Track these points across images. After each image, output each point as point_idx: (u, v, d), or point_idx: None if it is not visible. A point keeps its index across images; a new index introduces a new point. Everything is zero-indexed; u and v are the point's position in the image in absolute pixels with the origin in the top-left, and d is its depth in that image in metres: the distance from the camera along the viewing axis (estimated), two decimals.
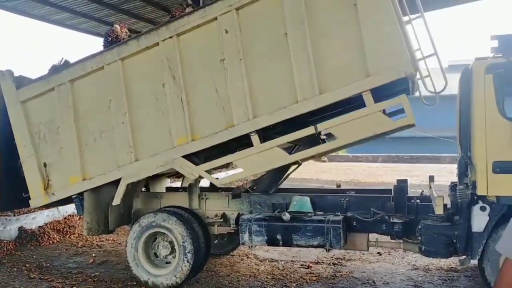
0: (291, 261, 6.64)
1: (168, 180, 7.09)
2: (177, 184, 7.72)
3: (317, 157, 6.11)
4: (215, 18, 4.87)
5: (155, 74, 5.15)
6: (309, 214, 5.05)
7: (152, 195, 5.91)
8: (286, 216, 4.93)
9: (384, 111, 4.59)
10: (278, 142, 4.80)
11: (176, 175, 7.40)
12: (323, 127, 4.69)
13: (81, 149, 5.47)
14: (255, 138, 4.85)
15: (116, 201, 5.32)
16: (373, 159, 22.58)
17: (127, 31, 6.43)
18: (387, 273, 5.97)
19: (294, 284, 5.63)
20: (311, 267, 6.32)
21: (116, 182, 5.37)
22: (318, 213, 5.11)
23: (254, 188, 5.75)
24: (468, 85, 4.55)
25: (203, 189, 5.82)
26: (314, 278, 5.84)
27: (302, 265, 6.45)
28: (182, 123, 5.05)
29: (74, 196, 5.62)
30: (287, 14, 4.63)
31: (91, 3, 11.53)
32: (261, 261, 6.65)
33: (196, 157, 5.16)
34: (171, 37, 5.02)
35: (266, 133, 4.95)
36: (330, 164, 21.66)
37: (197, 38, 4.99)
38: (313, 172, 17.17)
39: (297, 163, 5.90)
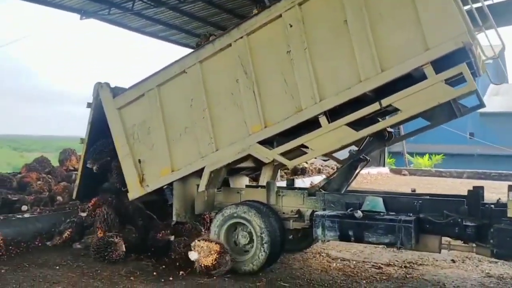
0: (363, 261, 6.74)
1: (247, 178, 7.60)
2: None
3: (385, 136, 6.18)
4: (280, 15, 5.42)
5: (229, 72, 5.76)
6: (381, 214, 5.20)
7: (233, 190, 6.43)
8: (358, 214, 5.11)
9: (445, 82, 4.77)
10: (346, 120, 5.14)
11: (253, 174, 7.98)
12: (387, 102, 4.96)
13: (169, 145, 6.16)
14: (323, 120, 5.23)
15: (202, 187, 5.90)
16: (458, 175, 21.59)
17: None
18: (459, 278, 5.89)
19: (364, 281, 5.75)
20: (382, 268, 6.40)
21: (199, 173, 5.97)
22: (391, 213, 5.24)
23: (326, 188, 6.04)
24: None
25: (280, 187, 6.20)
26: (384, 277, 5.93)
27: (373, 265, 6.54)
28: (255, 112, 5.57)
29: (165, 187, 6.29)
30: (346, 2, 5.06)
31: (183, 16, 12.67)
32: (333, 259, 6.81)
33: (269, 144, 5.64)
34: (241, 37, 5.63)
35: (333, 116, 5.31)
36: (411, 177, 21.09)
37: (265, 35, 5.55)
38: (392, 185, 16.89)
39: (366, 159, 6.13)
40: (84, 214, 7.02)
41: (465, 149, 29.17)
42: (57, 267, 5.90)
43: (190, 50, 7.33)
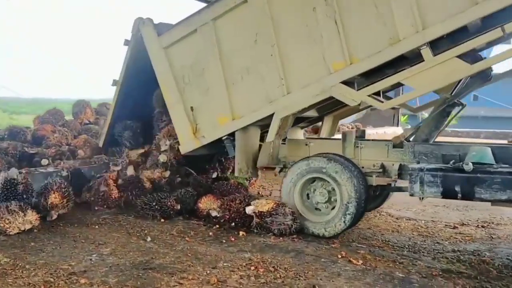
0: (432, 221, 6.10)
1: (302, 131, 6.81)
2: None
3: None
4: None
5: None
6: (494, 166, 4.40)
7: (300, 143, 5.58)
8: (469, 166, 4.31)
9: None
10: (457, 51, 4.28)
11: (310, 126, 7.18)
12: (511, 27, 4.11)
13: (228, 88, 5.32)
14: (426, 52, 4.38)
15: (270, 137, 5.10)
16: (475, 135, 20.82)
17: None
18: None
19: (447, 242, 5.14)
20: (457, 227, 5.79)
21: (259, 122, 5.22)
22: (503, 165, 4.43)
23: (412, 139, 5.26)
24: None
25: (358, 138, 5.41)
26: (467, 238, 5.30)
27: (446, 225, 5.92)
28: (338, 46, 4.70)
29: (224, 138, 5.49)
30: None
31: None
32: (397, 218, 6.18)
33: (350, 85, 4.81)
34: None
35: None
36: None
37: None
38: None
39: (461, 104, 5.31)
40: (117, 168, 6.25)
41: (469, 110, 28.29)
42: (96, 227, 5.25)
43: None
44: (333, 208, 4.94)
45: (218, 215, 5.31)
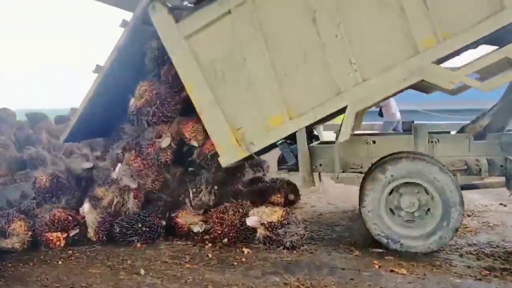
0: None
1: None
2: None
3: None
4: None
5: None
6: None
7: (358, 141, 4.56)
8: None
9: None
10: None
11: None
12: None
13: (280, 81, 4.26)
14: None
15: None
16: None
17: None
18: None
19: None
20: None
21: None
22: None
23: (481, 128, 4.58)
24: None
25: (431, 132, 4.59)
26: (468, 230, 4.82)
27: None
28: (425, 18, 3.87)
29: (279, 142, 4.43)
30: None
31: None
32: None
33: None
34: None
35: None
36: None
37: None
38: None
39: None
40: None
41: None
42: (60, 263, 4.13)
43: None
44: (428, 217, 4.11)
45: (201, 230, 4.61)
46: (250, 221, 4.37)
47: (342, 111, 4.24)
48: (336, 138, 4.29)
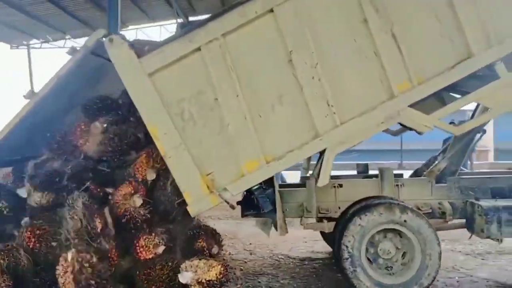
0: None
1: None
2: None
3: None
4: None
5: (348, 9, 3.99)
6: None
7: (327, 185, 4.39)
8: None
9: None
10: None
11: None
12: None
13: (255, 123, 4.03)
14: (501, 68, 3.95)
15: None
16: None
17: None
18: None
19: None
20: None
21: None
22: None
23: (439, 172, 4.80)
24: None
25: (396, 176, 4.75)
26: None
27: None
28: (400, 64, 3.96)
29: (255, 188, 4.14)
30: None
31: None
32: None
33: None
34: None
35: None
36: None
37: None
38: None
39: (483, 130, 5.05)
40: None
41: None
42: None
43: None
44: (405, 263, 4.13)
45: None
46: (183, 277, 3.95)
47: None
48: (316, 181, 4.13)
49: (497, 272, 4.96)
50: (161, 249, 4.15)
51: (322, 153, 4.14)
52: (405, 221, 4.06)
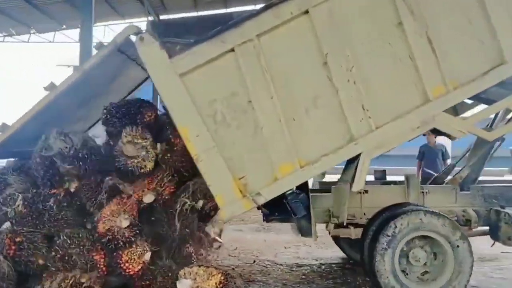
0: None
1: None
2: None
3: None
4: None
5: (383, 12, 3.98)
6: None
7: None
8: None
9: None
10: None
11: None
12: None
13: (289, 126, 3.95)
14: None
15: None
16: None
17: None
18: None
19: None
20: None
21: None
22: None
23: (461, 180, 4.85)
24: None
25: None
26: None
27: None
28: (435, 68, 3.95)
29: (288, 192, 4.05)
30: None
31: None
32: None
33: None
34: None
35: None
36: None
37: None
38: None
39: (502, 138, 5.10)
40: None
41: None
42: None
43: None
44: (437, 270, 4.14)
45: None
46: (182, 284, 3.81)
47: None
48: (350, 186, 4.08)
49: (483, 280, 4.99)
50: (148, 255, 3.91)
51: (353, 159, 4.12)
52: (438, 227, 4.06)
